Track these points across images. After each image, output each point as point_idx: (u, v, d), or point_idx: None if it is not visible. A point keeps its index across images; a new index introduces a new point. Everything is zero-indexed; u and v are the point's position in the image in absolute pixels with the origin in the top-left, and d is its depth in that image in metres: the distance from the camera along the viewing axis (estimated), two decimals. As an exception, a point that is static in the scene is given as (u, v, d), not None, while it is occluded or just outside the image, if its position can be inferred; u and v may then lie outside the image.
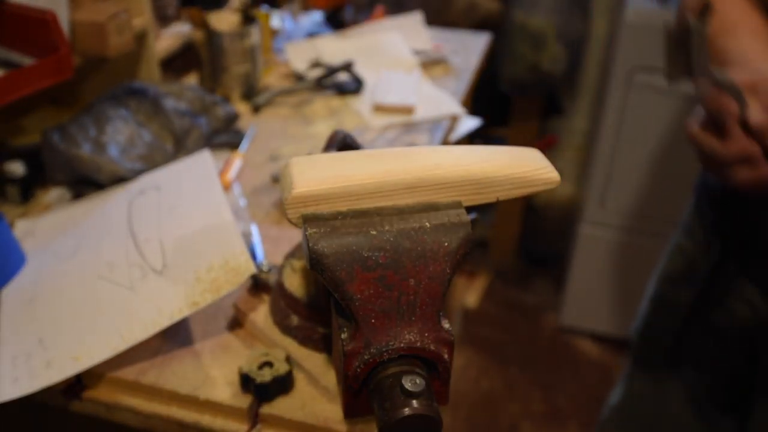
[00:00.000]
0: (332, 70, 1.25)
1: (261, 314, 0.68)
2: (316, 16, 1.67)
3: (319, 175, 0.50)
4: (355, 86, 1.24)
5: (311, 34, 1.53)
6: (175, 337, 0.67)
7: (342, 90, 1.24)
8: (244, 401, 0.59)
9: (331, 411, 0.59)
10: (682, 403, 0.98)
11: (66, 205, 0.88)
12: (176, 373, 0.62)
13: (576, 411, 1.76)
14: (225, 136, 1.04)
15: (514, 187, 0.53)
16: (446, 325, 0.51)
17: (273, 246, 0.79)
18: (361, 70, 1.29)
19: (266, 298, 0.70)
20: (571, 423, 1.72)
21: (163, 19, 1.26)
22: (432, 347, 0.50)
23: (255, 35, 1.22)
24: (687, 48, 0.65)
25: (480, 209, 0.54)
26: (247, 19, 1.23)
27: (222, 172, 0.96)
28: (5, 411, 0.61)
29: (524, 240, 2.26)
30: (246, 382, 0.59)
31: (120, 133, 0.90)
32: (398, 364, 0.49)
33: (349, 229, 0.48)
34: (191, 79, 1.27)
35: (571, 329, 2.00)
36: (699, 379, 0.96)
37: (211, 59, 1.20)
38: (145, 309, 0.64)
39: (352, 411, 0.53)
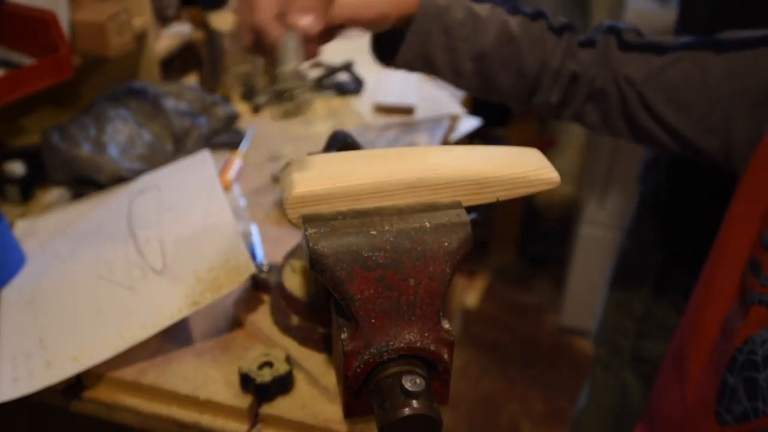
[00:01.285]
0: (332, 70, 1.25)
1: (261, 314, 0.68)
2: (316, 16, 1.67)
3: (319, 175, 0.50)
4: (355, 86, 1.24)
5: (311, 34, 1.52)
6: (175, 337, 0.66)
7: (342, 90, 1.24)
8: (244, 401, 0.59)
9: (331, 411, 0.59)
10: (644, 399, 1.00)
11: (66, 205, 0.88)
12: (176, 373, 0.62)
13: (576, 411, 1.76)
14: (225, 136, 1.04)
15: (514, 187, 0.53)
16: (446, 325, 0.51)
17: (273, 246, 0.79)
18: (361, 70, 1.29)
19: (266, 298, 0.70)
20: None
21: (163, 19, 1.26)
22: (432, 347, 0.50)
23: (255, 35, 1.21)
24: None
25: (480, 209, 0.54)
26: (247, 19, 1.23)
27: (222, 172, 0.96)
28: (5, 411, 0.60)
29: (524, 240, 2.26)
30: (246, 382, 0.59)
31: (120, 133, 0.90)
32: (398, 364, 0.49)
33: (349, 229, 0.48)
34: (191, 79, 1.27)
35: (571, 329, 1.99)
36: None
37: (211, 59, 1.20)
38: (145, 309, 0.64)
39: (352, 411, 0.53)
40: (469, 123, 1.19)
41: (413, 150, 0.54)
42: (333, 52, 1.35)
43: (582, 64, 0.67)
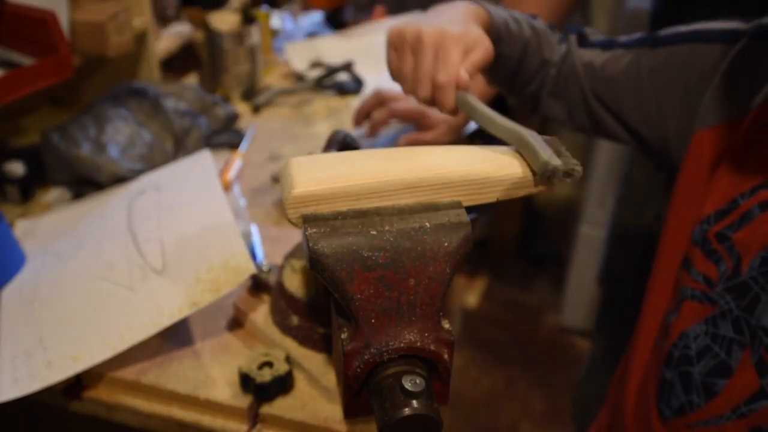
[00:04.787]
0: (332, 70, 1.25)
1: (261, 314, 0.68)
2: (316, 16, 1.68)
3: (319, 175, 0.50)
4: (355, 86, 1.24)
5: (311, 34, 1.53)
6: (175, 337, 0.67)
7: (342, 90, 1.24)
8: (244, 401, 0.59)
9: (331, 411, 0.59)
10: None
11: (66, 205, 0.88)
12: (176, 373, 0.62)
13: (576, 411, 1.75)
14: (225, 136, 1.04)
15: (514, 187, 0.53)
16: (446, 325, 0.51)
17: (273, 246, 0.79)
18: (361, 70, 1.29)
19: (266, 298, 0.70)
20: (571, 423, 1.72)
21: (163, 19, 1.26)
22: (432, 347, 0.50)
23: (255, 35, 1.22)
24: None
25: (480, 209, 0.54)
26: (247, 19, 1.23)
27: (222, 172, 0.96)
28: (5, 411, 0.60)
29: (524, 240, 2.26)
30: (246, 382, 0.59)
31: (120, 133, 0.90)
32: (398, 364, 0.49)
33: (349, 229, 0.48)
34: (191, 79, 1.27)
35: (571, 329, 1.99)
36: None
37: (211, 59, 1.20)
38: (145, 309, 0.64)
39: (352, 411, 0.53)
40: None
41: (413, 150, 0.54)
42: (333, 52, 1.36)
43: (557, 58, 0.74)
